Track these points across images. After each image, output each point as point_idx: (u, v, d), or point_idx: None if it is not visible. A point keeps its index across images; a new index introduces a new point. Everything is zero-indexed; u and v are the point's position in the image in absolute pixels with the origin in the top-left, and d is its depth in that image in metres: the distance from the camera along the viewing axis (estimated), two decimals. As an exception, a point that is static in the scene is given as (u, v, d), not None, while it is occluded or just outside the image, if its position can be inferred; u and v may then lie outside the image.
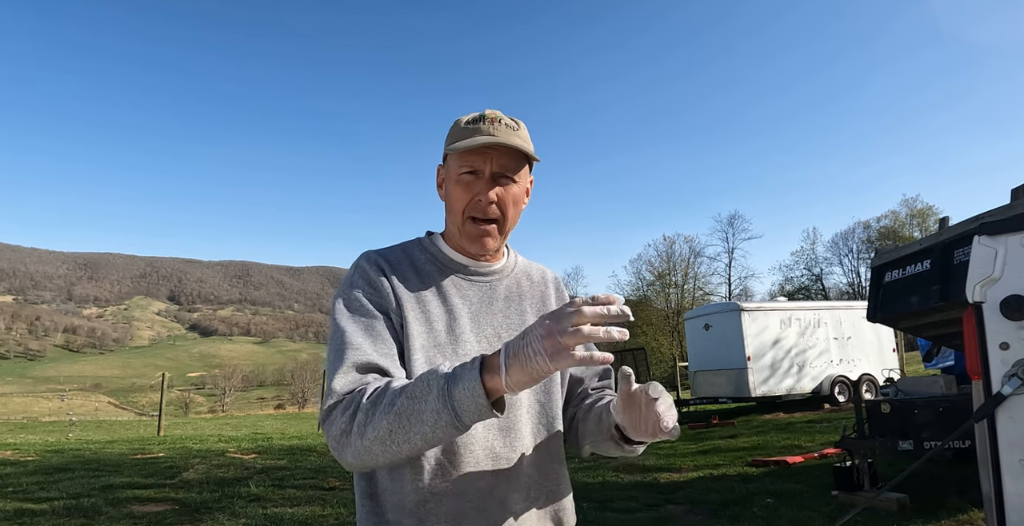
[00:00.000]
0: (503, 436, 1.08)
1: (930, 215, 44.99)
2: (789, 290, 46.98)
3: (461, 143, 1.07)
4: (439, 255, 1.18)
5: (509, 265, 1.24)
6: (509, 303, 1.19)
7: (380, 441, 0.88)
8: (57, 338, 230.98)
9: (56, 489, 6.17)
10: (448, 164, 1.14)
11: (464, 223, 1.11)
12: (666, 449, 9.10)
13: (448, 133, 1.15)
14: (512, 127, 1.11)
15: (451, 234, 1.18)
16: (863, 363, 14.77)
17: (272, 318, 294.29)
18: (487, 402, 0.83)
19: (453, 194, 1.12)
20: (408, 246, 1.20)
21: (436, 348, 1.07)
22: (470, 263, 1.18)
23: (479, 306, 1.15)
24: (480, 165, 1.09)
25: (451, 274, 1.16)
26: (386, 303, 1.07)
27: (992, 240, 2.03)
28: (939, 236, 3.44)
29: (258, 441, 11.31)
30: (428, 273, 1.15)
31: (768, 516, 5.03)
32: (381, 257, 1.13)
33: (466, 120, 1.12)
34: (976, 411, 2.06)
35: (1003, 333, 2.00)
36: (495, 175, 1.10)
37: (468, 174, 1.09)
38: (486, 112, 1.13)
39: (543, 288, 1.27)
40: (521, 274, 1.25)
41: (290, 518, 5.13)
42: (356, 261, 1.14)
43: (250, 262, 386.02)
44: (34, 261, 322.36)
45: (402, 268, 1.13)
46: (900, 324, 4.42)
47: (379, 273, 1.10)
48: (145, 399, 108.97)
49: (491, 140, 1.06)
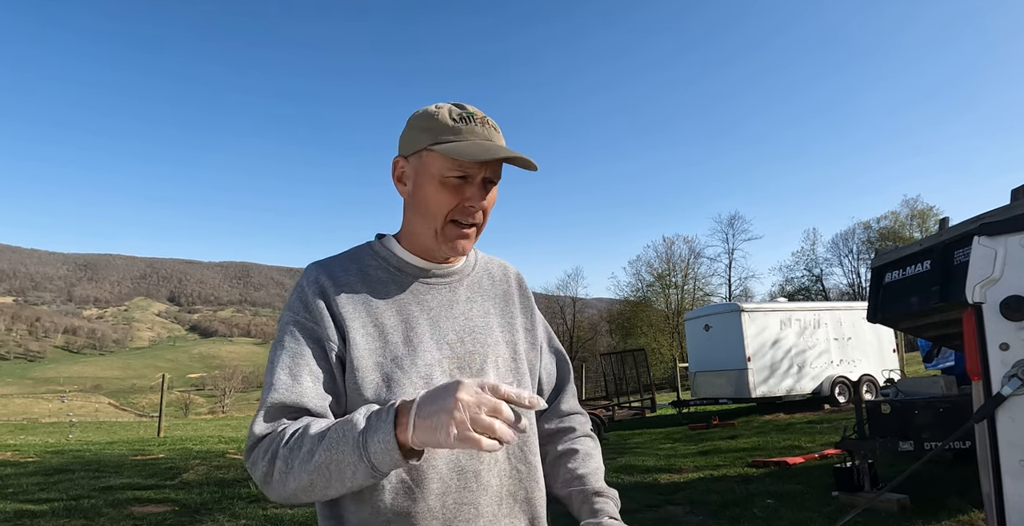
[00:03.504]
0: (473, 453, 1.02)
1: (930, 216, 44.98)
2: (789, 291, 46.97)
3: (465, 150, 1.00)
4: (392, 260, 1.11)
5: (469, 264, 1.18)
6: (471, 304, 1.14)
7: (303, 490, 0.88)
8: (57, 339, 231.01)
9: (56, 490, 6.17)
10: (426, 161, 1.04)
11: (445, 226, 1.05)
12: (666, 450, 9.10)
13: (419, 124, 1.06)
14: (496, 128, 1.07)
15: (413, 234, 1.10)
16: (863, 364, 14.76)
17: (272, 319, 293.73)
18: (400, 456, 0.82)
19: (433, 196, 1.04)
20: (358, 253, 1.12)
21: (393, 362, 1.01)
22: (428, 266, 1.11)
23: (438, 310, 1.09)
24: (474, 171, 1.02)
25: (406, 279, 1.10)
26: (320, 329, 1.01)
27: (992, 241, 2.04)
28: (939, 237, 3.43)
29: (258, 442, 11.28)
30: (380, 281, 1.08)
31: (768, 517, 5.02)
32: (324, 272, 1.06)
33: (450, 115, 1.04)
34: (976, 412, 2.06)
35: (1003, 334, 2.00)
36: (486, 180, 1.05)
37: (458, 178, 1.02)
38: (469, 108, 1.06)
39: (505, 286, 1.22)
40: (482, 272, 1.20)
41: (290, 519, 5.13)
42: (299, 278, 1.08)
43: (250, 263, 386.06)
44: (34, 262, 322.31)
45: (348, 280, 1.06)
46: (900, 325, 4.42)
47: (317, 294, 1.03)
48: (145, 400, 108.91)
49: (507, 154, 1.00)
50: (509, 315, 1.18)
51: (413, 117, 1.09)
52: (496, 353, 1.11)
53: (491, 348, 1.11)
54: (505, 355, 1.13)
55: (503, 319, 1.17)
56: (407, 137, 1.08)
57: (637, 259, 45.78)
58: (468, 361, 1.07)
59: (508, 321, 1.17)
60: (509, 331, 1.16)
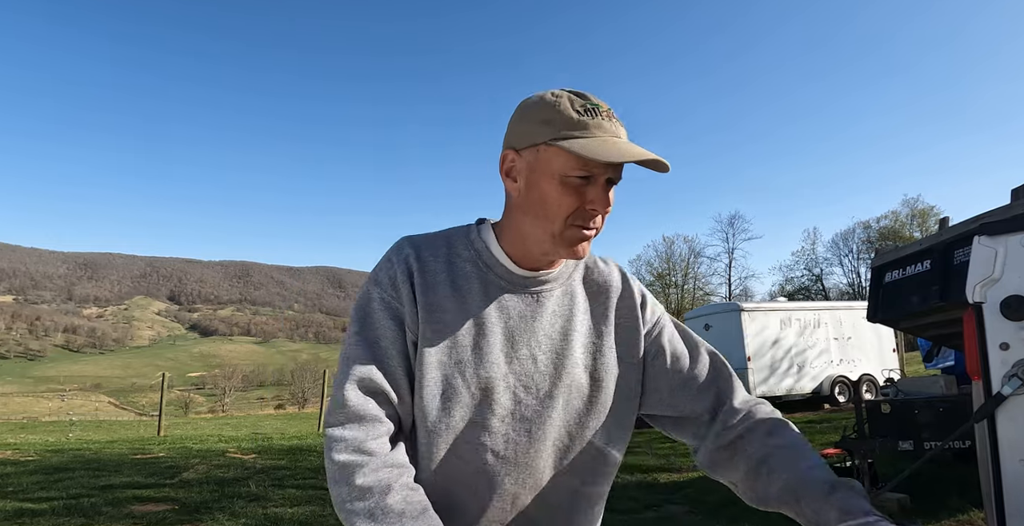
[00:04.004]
0: (519, 479, 0.98)
1: (930, 215, 44.99)
2: (789, 290, 46.99)
3: (597, 149, 0.89)
4: (485, 254, 1.01)
5: (565, 272, 1.05)
6: (556, 319, 1.02)
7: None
8: (57, 338, 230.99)
9: (56, 489, 6.17)
10: (545, 157, 0.93)
11: (567, 228, 0.94)
12: (665, 449, 9.10)
13: (537, 115, 0.94)
14: (621, 122, 0.95)
15: (520, 235, 0.99)
16: (863, 363, 14.77)
17: (272, 318, 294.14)
18: None
19: (553, 196, 0.93)
20: (453, 237, 1.03)
21: (456, 366, 0.95)
22: (520, 271, 1.01)
23: (518, 321, 0.99)
24: (599, 171, 0.92)
25: (493, 279, 1.00)
26: (403, 311, 0.96)
27: (992, 240, 2.03)
28: (939, 236, 3.43)
29: (258, 441, 11.29)
30: (465, 275, 1.00)
31: (767, 516, 5.03)
32: (415, 252, 0.99)
33: (573, 106, 0.93)
34: (976, 411, 2.06)
35: (1003, 333, 1.99)
36: (610, 181, 0.94)
37: (581, 178, 0.92)
38: (592, 98, 0.94)
39: (604, 300, 1.07)
40: (577, 283, 1.07)
41: (290, 518, 5.12)
42: (389, 251, 1.01)
43: (250, 262, 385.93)
44: (34, 261, 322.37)
45: (435, 267, 0.99)
46: (900, 324, 4.42)
47: (405, 274, 0.97)
48: (145, 399, 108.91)
49: (644, 157, 0.90)
50: (599, 334, 1.06)
51: (527, 106, 0.97)
52: (571, 378, 1.01)
53: (566, 372, 1.01)
54: (581, 381, 1.02)
55: (590, 339, 1.05)
56: (521, 129, 0.96)
57: (637, 258, 45.68)
58: (536, 382, 0.99)
59: (596, 341, 1.05)
60: (594, 354, 1.04)
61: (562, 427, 1.00)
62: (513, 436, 0.97)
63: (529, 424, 0.97)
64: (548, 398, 0.99)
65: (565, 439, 1.00)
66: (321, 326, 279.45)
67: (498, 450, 0.96)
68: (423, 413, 0.95)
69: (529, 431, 0.97)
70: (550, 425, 0.99)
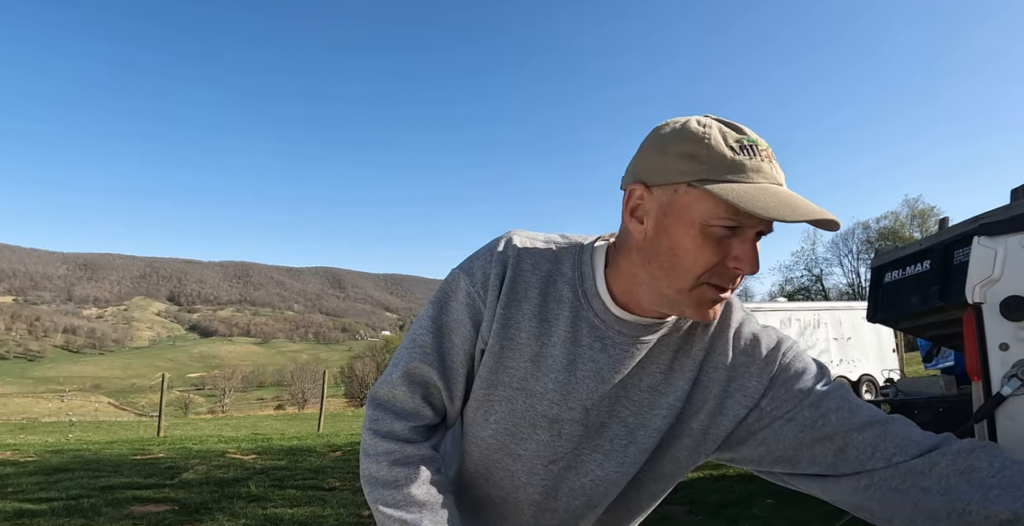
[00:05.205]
0: (538, 518, 0.97)
1: (930, 216, 45.04)
2: (789, 291, 47.03)
3: (759, 201, 0.72)
4: (587, 283, 0.88)
5: (679, 326, 0.90)
6: (641, 370, 0.89)
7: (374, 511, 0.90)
8: (57, 339, 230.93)
9: (56, 489, 6.17)
10: (685, 201, 0.76)
11: (699, 286, 0.78)
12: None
13: (680, 148, 0.76)
14: (779, 165, 0.79)
15: (634, 282, 0.84)
16: (863, 363, 14.77)
17: (272, 319, 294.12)
18: None
19: (690, 248, 0.77)
20: (562, 254, 0.90)
21: (516, 390, 0.90)
22: (616, 310, 0.87)
23: (595, 366, 0.87)
24: (751, 222, 0.76)
25: (587, 314, 0.87)
26: (482, 312, 0.88)
27: (992, 241, 2.03)
28: (939, 236, 3.43)
29: (258, 442, 11.29)
30: (558, 299, 0.88)
31: (768, 517, 5.02)
32: (516, 257, 0.89)
33: (726, 141, 0.76)
34: (976, 412, 2.06)
35: (1003, 334, 1.99)
36: (759, 234, 0.79)
37: (727, 229, 0.76)
38: (750, 133, 0.77)
39: (723, 372, 0.90)
40: (697, 346, 0.90)
41: (290, 518, 5.12)
42: (494, 243, 0.91)
43: (250, 262, 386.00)
44: (34, 261, 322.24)
45: (530, 281, 0.88)
46: (900, 325, 4.42)
47: (498, 277, 0.87)
48: (145, 400, 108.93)
49: (818, 216, 0.73)
50: (693, 407, 0.92)
51: (667, 135, 0.79)
52: (631, 438, 0.91)
53: (628, 431, 0.92)
54: (645, 445, 0.92)
55: (677, 407, 0.91)
56: (657, 162, 0.78)
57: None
58: (597, 431, 0.91)
59: (685, 411, 0.92)
60: (674, 425, 0.93)
61: (598, 485, 0.94)
62: (542, 476, 0.93)
63: (558, 468, 0.94)
64: (591, 451, 0.92)
65: (596, 497, 0.95)
66: (321, 327, 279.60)
67: (521, 484, 0.94)
68: (464, 420, 0.97)
69: (557, 476, 0.93)
70: (584, 475, 0.93)
